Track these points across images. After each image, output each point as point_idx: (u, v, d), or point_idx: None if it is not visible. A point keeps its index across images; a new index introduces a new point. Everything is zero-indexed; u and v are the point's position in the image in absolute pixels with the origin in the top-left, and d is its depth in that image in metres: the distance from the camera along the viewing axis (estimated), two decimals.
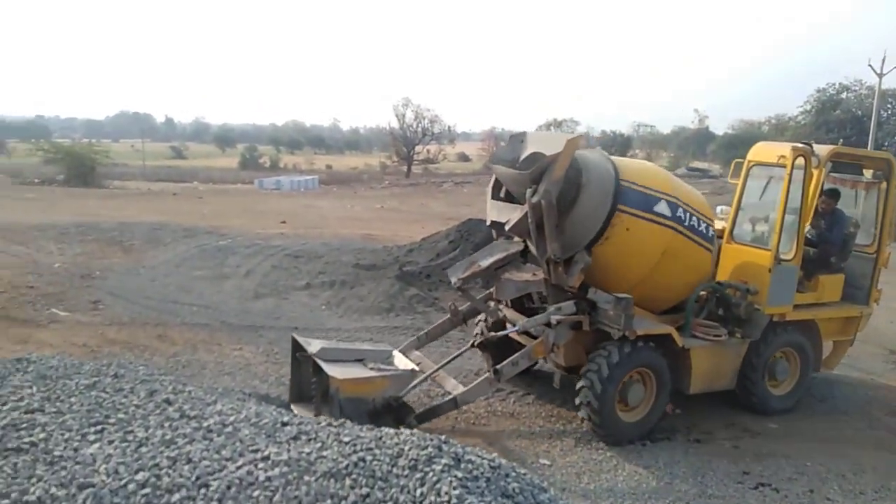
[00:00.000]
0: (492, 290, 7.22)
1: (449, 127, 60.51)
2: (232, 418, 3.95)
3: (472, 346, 6.91)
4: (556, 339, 6.29)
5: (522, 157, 6.42)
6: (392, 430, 3.80)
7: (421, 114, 49.66)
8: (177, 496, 3.08)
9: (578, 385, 6.32)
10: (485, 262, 6.85)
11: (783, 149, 6.97)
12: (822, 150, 7.36)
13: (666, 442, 6.69)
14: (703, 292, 7.03)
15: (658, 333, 6.47)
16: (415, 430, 3.83)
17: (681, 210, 6.50)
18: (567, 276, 6.28)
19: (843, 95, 44.51)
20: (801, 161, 6.84)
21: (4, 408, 3.85)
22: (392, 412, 5.72)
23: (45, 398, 4.06)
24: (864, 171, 8.18)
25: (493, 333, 6.83)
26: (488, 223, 6.92)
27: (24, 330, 8.57)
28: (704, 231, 6.73)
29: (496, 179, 6.92)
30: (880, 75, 27.65)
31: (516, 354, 6.37)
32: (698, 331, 6.80)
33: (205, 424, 3.82)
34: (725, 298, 6.97)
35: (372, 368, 5.95)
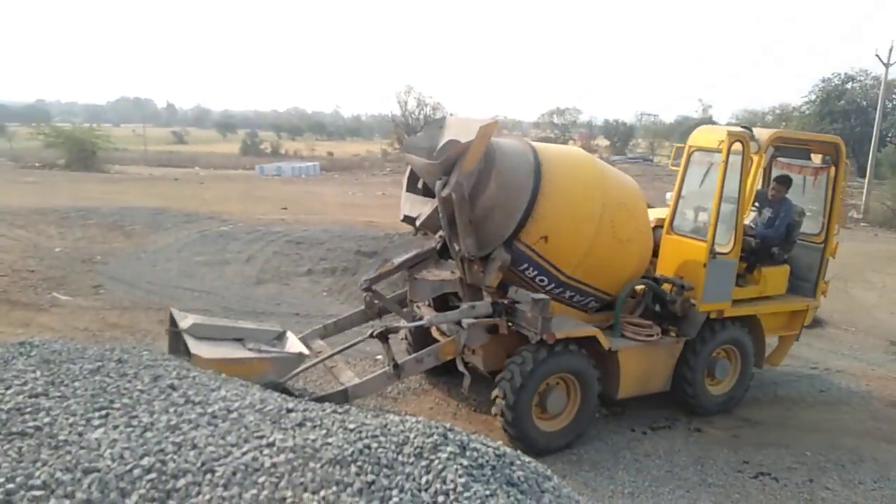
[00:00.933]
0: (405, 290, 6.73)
1: (451, 114, 60.22)
2: (237, 404, 3.94)
3: (371, 336, 5.98)
4: (469, 340, 5.87)
5: (440, 145, 5.85)
6: (397, 418, 3.80)
7: (423, 101, 49.33)
8: (182, 481, 3.08)
9: (493, 395, 5.89)
10: (397, 260, 6.40)
11: (722, 133, 6.50)
12: (762, 134, 6.92)
13: (666, 431, 6.72)
14: (638, 287, 6.75)
15: (581, 336, 6.01)
16: (420, 418, 3.83)
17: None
18: (484, 274, 5.90)
19: (849, 86, 44.21)
20: (738, 146, 6.42)
21: (8, 392, 3.84)
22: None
23: (50, 382, 4.05)
24: (813, 156, 7.71)
25: (395, 325, 6.14)
26: (401, 218, 6.38)
27: (25, 314, 8.58)
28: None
29: (412, 170, 6.38)
30: (887, 65, 27.44)
31: (422, 351, 5.95)
32: (628, 330, 6.44)
33: (209, 410, 3.82)
34: (660, 294, 6.69)
35: (251, 349, 5.49)
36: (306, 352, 5.78)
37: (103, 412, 3.72)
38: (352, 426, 3.64)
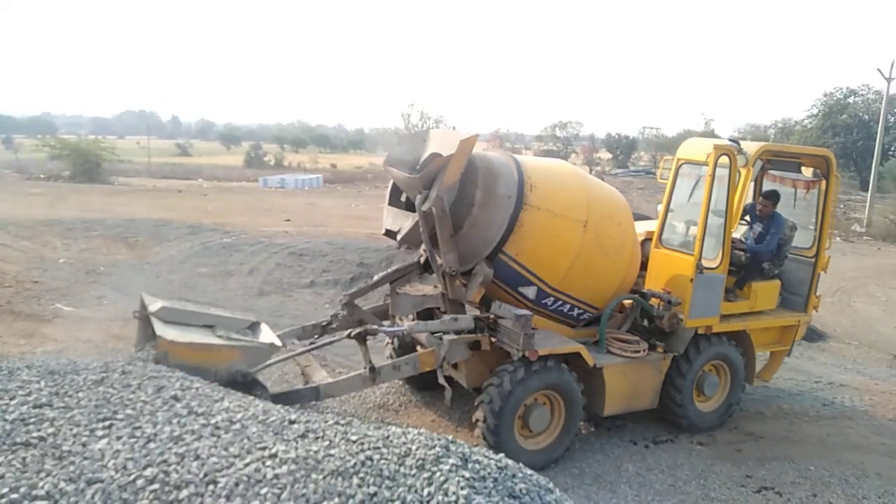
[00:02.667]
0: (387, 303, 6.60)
1: (454, 127, 60.59)
2: (239, 415, 3.96)
3: (349, 336, 6.00)
4: (450, 355, 5.74)
5: (423, 157, 5.78)
6: (399, 430, 3.81)
7: (426, 114, 49.68)
8: (185, 492, 3.09)
9: (473, 417, 5.76)
10: (378, 275, 6.27)
11: (709, 146, 6.43)
12: (750, 147, 6.83)
13: (669, 444, 6.69)
14: (626, 301, 6.70)
15: (565, 353, 5.89)
16: (422, 430, 3.84)
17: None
18: (466, 290, 5.82)
19: (851, 100, 44.39)
20: (725, 160, 6.36)
21: (13, 402, 3.86)
22: (238, 388, 4.99)
23: (54, 393, 4.07)
24: (804, 169, 7.60)
25: (373, 327, 6.04)
26: (383, 232, 6.33)
27: (29, 324, 8.61)
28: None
29: (394, 183, 6.31)
30: (888, 79, 27.57)
31: (401, 359, 5.89)
32: (614, 346, 6.36)
33: (212, 421, 3.83)
34: (647, 309, 6.59)
35: (220, 336, 5.29)
36: (278, 343, 5.56)
37: (107, 423, 3.74)
38: (354, 438, 3.65)
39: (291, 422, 3.95)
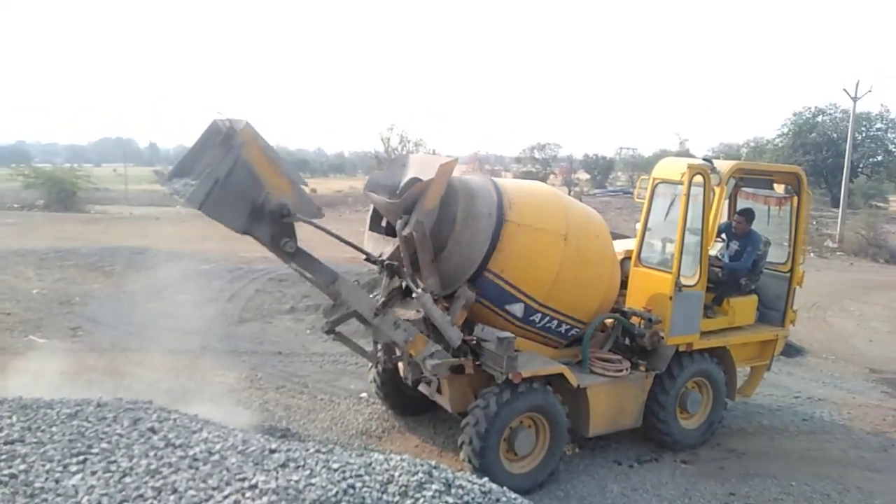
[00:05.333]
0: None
1: (433, 150, 60.94)
2: (218, 446, 3.89)
3: (325, 332, 6.17)
4: (434, 371, 5.65)
5: (403, 182, 5.81)
6: (382, 456, 3.78)
7: (406, 138, 49.97)
8: None
9: (458, 441, 5.75)
10: None
11: (683, 165, 6.55)
12: (723, 166, 6.93)
13: (653, 463, 6.70)
14: (608, 320, 6.76)
15: (549, 374, 5.91)
16: (405, 456, 3.81)
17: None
18: (448, 313, 5.81)
19: (819, 119, 45.64)
20: (699, 178, 6.46)
21: None
22: (273, 222, 4.99)
23: (26, 428, 3.98)
24: (776, 186, 7.77)
25: (342, 313, 6.00)
26: (364, 258, 6.31)
27: (0, 358, 8.40)
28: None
29: (375, 208, 6.30)
30: (854, 99, 28.43)
31: (402, 324, 5.66)
32: (597, 366, 6.38)
33: (191, 453, 3.77)
34: (629, 328, 6.65)
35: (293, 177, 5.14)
36: (323, 215, 5.43)
37: (81, 458, 3.66)
38: (335, 466, 3.61)
39: (272, 451, 3.89)
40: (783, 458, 7.00)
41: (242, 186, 4.77)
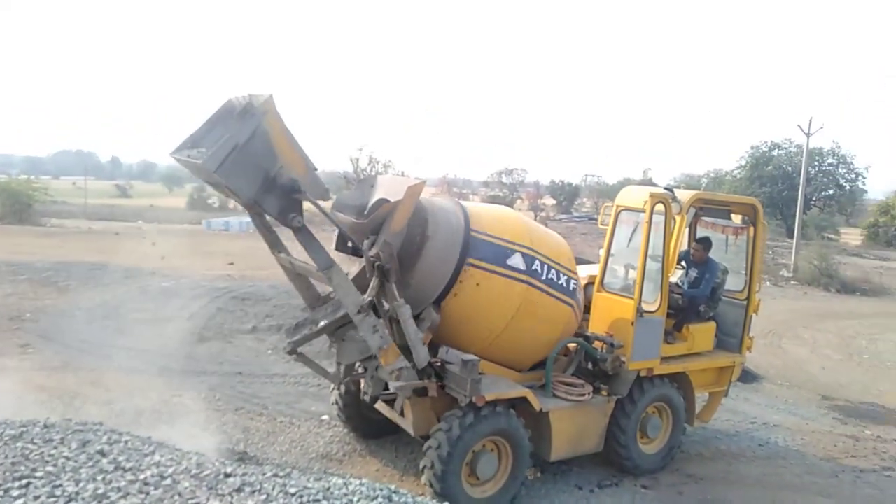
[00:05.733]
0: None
1: (402, 172, 61.02)
2: (171, 470, 3.77)
3: (287, 352, 6.20)
4: (398, 391, 5.66)
5: (371, 203, 5.84)
6: (341, 481, 3.71)
7: (375, 158, 50.00)
8: None
9: (420, 464, 5.73)
10: (323, 321, 6.06)
11: (645, 194, 6.71)
12: (683, 195, 7.09)
13: (614, 488, 6.73)
14: (570, 345, 6.83)
15: (513, 397, 5.93)
16: (364, 481, 3.75)
17: (537, 263, 6.14)
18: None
19: (775, 153, 47.33)
20: (661, 207, 6.61)
21: None
22: (283, 196, 4.98)
23: None
24: (733, 216, 8.01)
25: (305, 334, 6.04)
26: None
27: None
28: (564, 285, 6.38)
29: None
30: (808, 135, 29.55)
31: (378, 334, 5.50)
32: (560, 390, 6.41)
33: (141, 477, 3.64)
34: (591, 352, 6.72)
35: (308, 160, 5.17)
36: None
37: (24, 482, 3.50)
38: (293, 490, 3.54)
39: (227, 475, 3.79)
40: (740, 484, 7.11)
41: (259, 156, 4.81)
